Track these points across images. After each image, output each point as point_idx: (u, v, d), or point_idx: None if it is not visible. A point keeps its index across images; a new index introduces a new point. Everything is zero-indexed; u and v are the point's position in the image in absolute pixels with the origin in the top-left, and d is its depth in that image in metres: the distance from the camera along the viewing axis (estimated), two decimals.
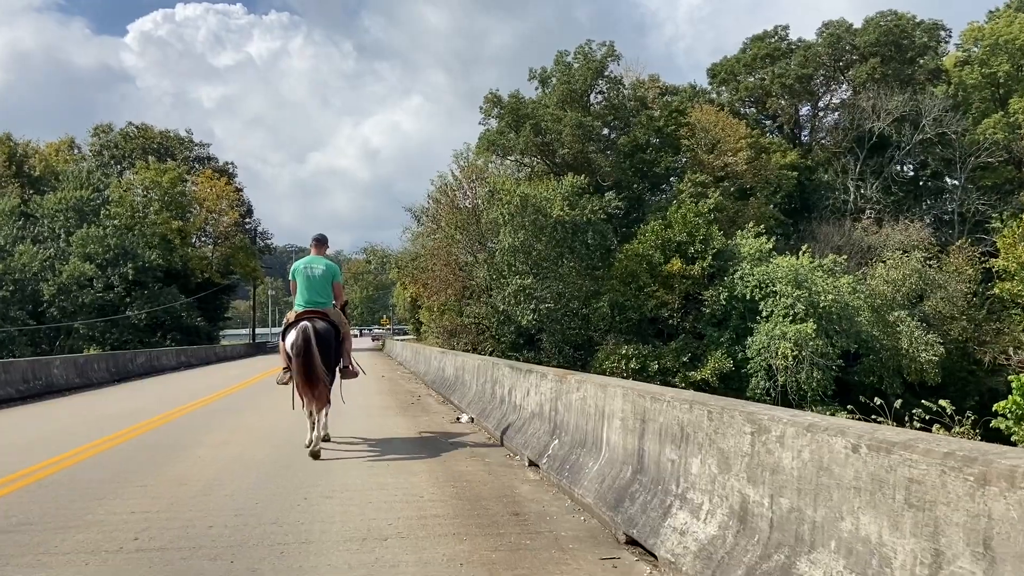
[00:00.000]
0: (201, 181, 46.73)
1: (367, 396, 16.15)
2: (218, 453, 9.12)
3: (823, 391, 36.98)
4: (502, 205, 39.28)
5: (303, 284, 9.24)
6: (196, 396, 16.32)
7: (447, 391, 14.97)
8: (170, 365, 26.86)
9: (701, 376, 38.43)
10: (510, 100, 47.57)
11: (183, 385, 20.20)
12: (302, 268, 9.33)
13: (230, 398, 16.30)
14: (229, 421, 12.38)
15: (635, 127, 46.69)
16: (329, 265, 9.45)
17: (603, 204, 41.17)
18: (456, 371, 14.84)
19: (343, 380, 10.19)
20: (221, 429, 11.25)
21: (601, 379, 6.72)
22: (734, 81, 55.05)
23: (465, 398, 12.95)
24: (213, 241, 48.85)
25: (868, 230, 46.72)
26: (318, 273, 9.26)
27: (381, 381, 21.09)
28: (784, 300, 37.31)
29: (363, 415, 12.49)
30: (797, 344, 36.09)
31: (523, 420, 8.83)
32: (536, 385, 8.49)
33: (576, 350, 42.51)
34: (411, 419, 12.20)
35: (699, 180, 43.85)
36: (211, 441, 10.09)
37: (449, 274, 42.31)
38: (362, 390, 17.17)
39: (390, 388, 18.56)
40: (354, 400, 14.68)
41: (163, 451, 9.29)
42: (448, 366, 16.30)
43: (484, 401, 11.32)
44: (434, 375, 18.18)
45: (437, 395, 16.09)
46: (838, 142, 50.95)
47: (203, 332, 44.28)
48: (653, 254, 41.52)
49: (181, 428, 11.51)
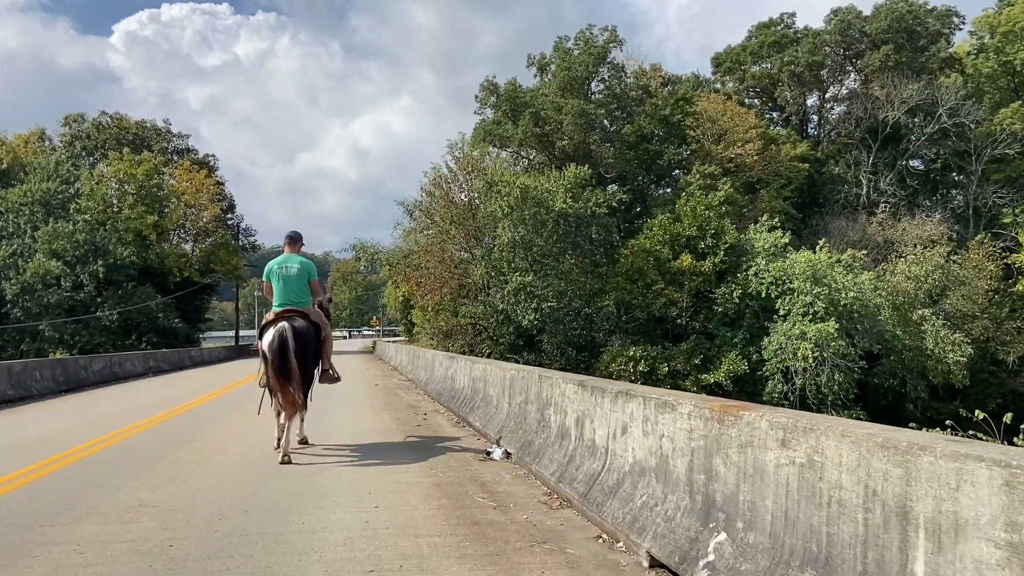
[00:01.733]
0: (179, 173, 43.83)
1: (358, 411, 13.54)
2: (118, 535, 5.42)
3: (844, 394, 34.70)
4: (501, 198, 36.83)
5: (279, 284, 8.94)
6: (145, 413, 13.26)
7: (461, 408, 12.01)
8: (135, 371, 23.92)
9: (715, 379, 36.07)
10: (507, 88, 45.05)
11: (139, 397, 17.06)
12: (276, 268, 9.04)
13: (191, 415, 13.38)
14: (171, 458, 8.63)
15: (639, 116, 44.28)
16: (304, 263, 9.16)
17: (607, 197, 38.73)
18: (474, 383, 11.83)
19: (322, 384, 9.67)
20: (153, 474, 7.62)
21: (853, 426, 3.37)
22: (740, 70, 52.72)
23: (492, 421, 9.88)
24: (193, 238, 46.04)
25: (884, 224, 44.49)
26: (294, 272, 8.98)
27: (374, 391, 18.26)
28: (803, 298, 35.00)
29: (355, 442, 9.63)
30: (817, 345, 33.78)
31: (618, 475, 5.53)
32: (648, 420, 5.07)
33: (579, 352, 40.10)
34: (421, 451, 9.00)
35: (708, 172, 41.46)
36: (120, 504, 6.33)
37: (444, 271, 39.80)
38: (352, 402, 14.64)
39: (386, 400, 15.61)
40: (343, 418, 12.12)
41: (20, 530, 5.58)
42: (461, 375, 13.15)
43: (526, 430, 8.20)
44: (440, 385, 15.17)
45: (446, 411, 13.21)
46: (850, 132, 48.68)
47: (181, 334, 41.42)
48: (661, 250, 39.13)
49: (90, 474, 7.69)
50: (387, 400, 15.66)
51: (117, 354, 24.00)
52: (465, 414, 11.52)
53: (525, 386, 8.68)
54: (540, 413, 7.86)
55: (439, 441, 9.94)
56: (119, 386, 19.50)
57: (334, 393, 16.03)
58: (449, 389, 13.93)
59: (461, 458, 8.61)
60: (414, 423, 11.85)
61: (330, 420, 11.87)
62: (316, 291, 9.34)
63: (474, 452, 8.95)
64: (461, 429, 11.07)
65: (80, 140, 46.93)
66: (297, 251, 9.35)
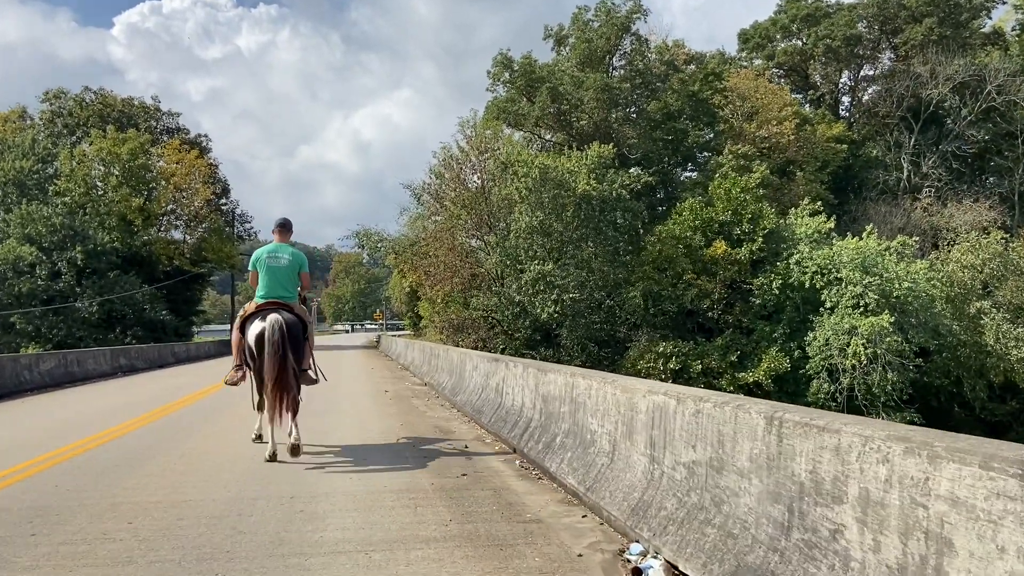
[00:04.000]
0: (168, 154, 40.41)
1: (364, 434, 9.77)
2: None
3: (898, 395, 31.42)
4: (517, 179, 33.59)
5: (266, 274, 8.26)
6: (72, 436, 9.53)
7: (524, 441, 7.98)
8: (98, 371, 20.23)
9: (753, 378, 32.81)
10: (522, 63, 41.70)
11: (89, 407, 13.41)
12: (265, 257, 8.36)
13: (140, 434, 9.73)
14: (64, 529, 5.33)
15: (665, 93, 40.88)
16: (295, 254, 8.52)
17: (632, 180, 35.44)
18: (546, 404, 7.66)
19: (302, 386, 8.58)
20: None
21: None
22: (769, 46, 49.27)
23: (607, 482, 5.62)
24: (185, 224, 42.71)
25: (930, 210, 41.18)
26: (283, 263, 8.36)
27: (384, 401, 13.99)
28: (852, 288, 31.71)
29: (365, 525, 5.44)
30: (870, 340, 30.51)
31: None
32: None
33: (601, 347, 36.87)
34: (490, 551, 4.85)
35: (742, 152, 38.11)
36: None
37: (455, 260, 36.54)
38: (357, 422, 11.12)
39: (404, 419, 11.30)
40: (345, 463, 8.06)
41: None
42: (517, 390, 8.94)
43: (728, 529, 3.99)
44: (478, 398, 11.16)
45: (493, 438, 9.16)
46: (889, 112, 45.27)
47: (170, 327, 38.12)
48: (692, 236, 35.84)
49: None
50: (405, 418, 11.43)
51: (75, 351, 20.57)
52: (537, 455, 7.39)
53: (716, 434, 4.23)
54: (782, 507, 3.55)
55: (516, 517, 5.67)
56: (71, 390, 15.85)
57: (334, 407, 12.79)
58: (495, 406, 9.92)
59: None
60: (453, 468, 7.55)
61: (324, 463, 7.92)
62: (306, 283, 8.71)
63: (607, 558, 4.73)
64: (534, 485, 6.77)
65: (61, 118, 43.51)
66: (287, 240, 8.68)
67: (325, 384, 9.64)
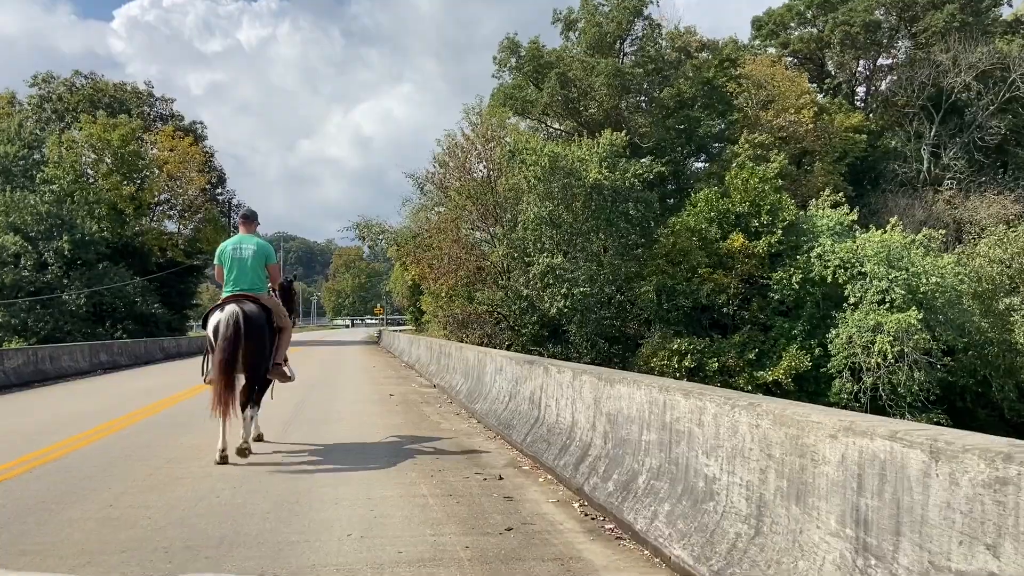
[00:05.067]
0: (161, 140, 38.78)
1: (370, 491, 6.26)
2: None
3: (925, 395, 29.95)
4: (526, 168, 32.06)
5: (232, 267, 7.80)
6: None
7: (585, 475, 5.98)
8: (76, 368, 18.89)
9: (773, 377, 31.32)
10: (530, 48, 40.09)
11: (36, 416, 11.60)
12: (230, 250, 7.91)
13: (80, 457, 7.83)
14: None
15: (678, 79, 39.31)
16: (261, 244, 8.05)
17: (645, 169, 33.87)
18: (614, 427, 5.77)
19: (271, 379, 8.29)
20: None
21: None
22: (783, 33, 47.68)
23: (724, 547, 3.91)
24: (179, 213, 41.11)
25: (952, 202, 39.66)
26: (249, 254, 7.86)
27: (389, 408, 12.17)
28: (877, 283, 30.21)
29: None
30: (896, 338, 29.02)
31: None
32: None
33: (612, 344, 35.37)
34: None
35: (758, 141, 36.57)
36: None
37: (460, 252, 35.04)
38: (360, 437, 9.47)
39: (416, 436, 9.31)
40: (340, 505, 6.08)
41: None
42: (564, 404, 7.00)
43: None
44: (504, 409, 9.28)
45: (531, 464, 7.27)
46: (909, 101, 43.71)
47: (162, 321, 36.59)
48: (708, 228, 34.33)
49: None
50: (416, 431, 9.72)
51: (48, 347, 18.96)
52: (607, 498, 5.39)
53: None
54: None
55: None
56: (37, 391, 14.15)
57: (332, 415, 11.31)
58: (529, 421, 7.93)
59: None
60: (492, 516, 5.55)
61: (316, 498, 6.06)
62: (274, 276, 8.42)
63: None
64: (621, 554, 4.71)
65: (50, 103, 41.84)
66: (253, 230, 8.30)
67: (323, 386, 8.25)
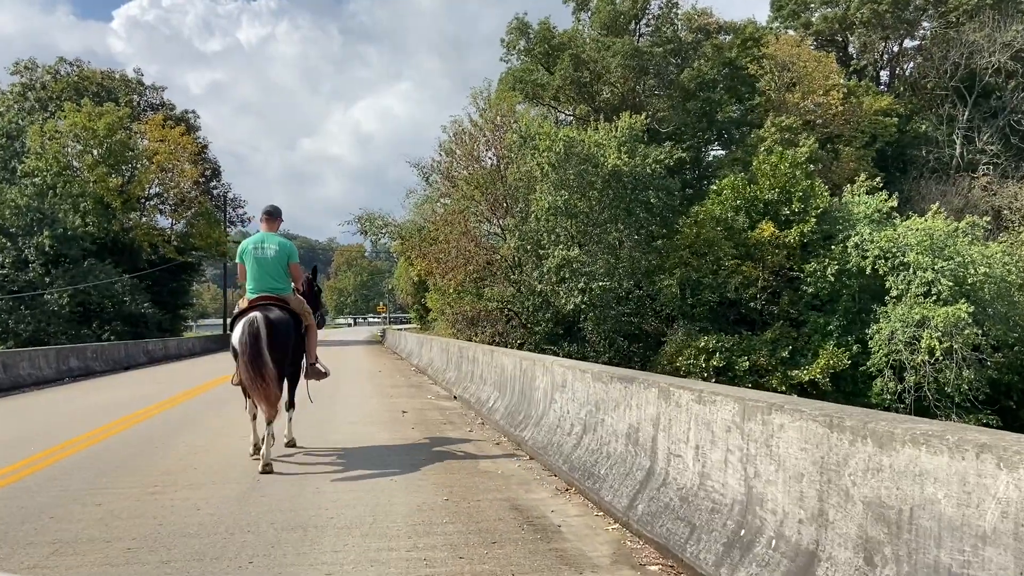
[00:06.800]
0: (150, 130, 36.48)
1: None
2: None
3: (975, 394, 27.69)
4: (538, 154, 29.82)
5: (254, 267, 7.55)
6: None
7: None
8: (37, 376, 16.22)
9: (809, 376, 29.04)
10: (540, 28, 37.82)
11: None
12: (251, 248, 7.61)
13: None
14: None
15: (697, 61, 37.03)
16: (283, 243, 7.71)
17: (666, 154, 31.61)
18: (890, 530, 2.76)
19: (307, 380, 8.11)
20: None
21: None
22: (804, 14, 45.33)
23: None
24: (171, 208, 38.84)
25: (990, 188, 37.33)
26: (271, 254, 7.58)
27: (404, 431, 9.22)
28: (921, 274, 27.93)
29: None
30: (945, 333, 26.76)
31: None
32: None
33: (632, 342, 33.15)
34: None
35: (786, 124, 34.27)
36: None
37: (468, 245, 32.79)
38: (370, 490, 6.85)
39: (445, 485, 6.29)
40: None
41: None
42: (717, 457, 4.11)
43: None
44: (568, 441, 6.50)
45: (656, 554, 4.38)
46: (941, 83, 41.36)
47: (153, 322, 34.39)
48: (735, 217, 32.08)
49: None
50: (443, 477, 6.58)
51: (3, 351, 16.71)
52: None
53: None
54: None
55: None
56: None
57: (328, 440, 8.84)
58: (636, 474, 5.06)
59: None
60: None
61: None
62: (297, 275, 7.94)
63: None
64: None
65: (33, 91, 39.59)
66: (275, 229, 7.94)
67: (320, 399, 8.11)
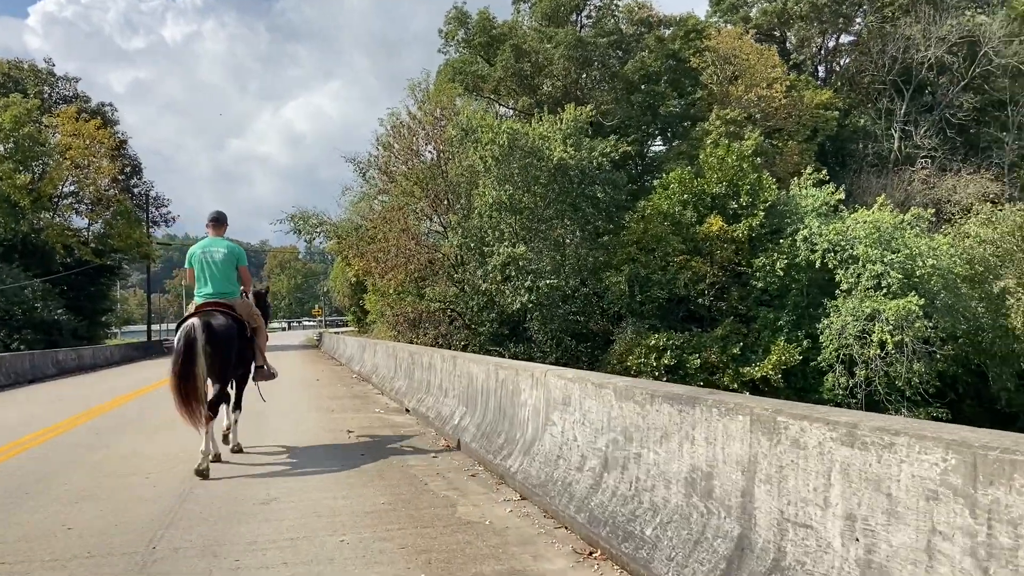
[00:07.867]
0: (63, 123, 33.83)
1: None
2: None
3: (925, 388, 27.50)
4: (481, 147, 28.64)
5: (202, 272, 7.56)
6: None
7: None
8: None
9: (761, 373, 28.47)
10: (480, 18, 36.56)
11: None
12: (199, 253, 7.64)
13: None
14: None
15: (641, 52, 36.31)
16: (231, 247, 7.82)
17: (612, 148, 30.74)
18: None
19: (256, 383, 8.27)
20: None
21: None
22: (744, 8, 45.19)
23: None
24: (88, 207, 36.23)
25: (929, 181, 37.60)
26: (219, 258, 7.62)
27: (353, 462, 7.38)
28: (871, 267, 27.64)
29: None
30: (897, 326, 26.49)
31: None
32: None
33: (579, 342, 32.17)
34: None
35: (731, 117, 33.79)
36: None
37: (409, 244, 31.31)
38: (311, 557, 5.35)
39: (418, 549, 4.58)
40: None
41: None
42: (836, 510, 2.85)
43: None
44: (575, 476, 5.03)
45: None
46: (879, 76, 41.63)
47: (67, 329, 31.90)
48: (682, 211, 31.39)
49: None
50: (416, 540, 4.78)
51: None
52: None
53: None
54: None
55: None
56: None
57: (242, 506, 7.23)
58: (715, 543, 3.49)
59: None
60: None
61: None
62: (246, 279, 8.06)
63: None
64: None
65: None
66: (222, 234, 7.97)
67: (246, 416, 7.59)
